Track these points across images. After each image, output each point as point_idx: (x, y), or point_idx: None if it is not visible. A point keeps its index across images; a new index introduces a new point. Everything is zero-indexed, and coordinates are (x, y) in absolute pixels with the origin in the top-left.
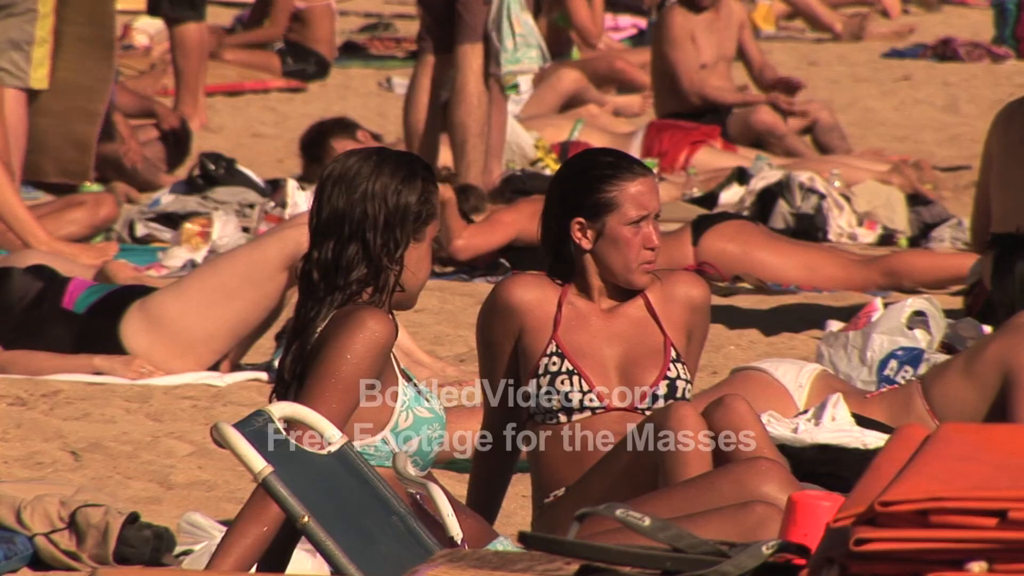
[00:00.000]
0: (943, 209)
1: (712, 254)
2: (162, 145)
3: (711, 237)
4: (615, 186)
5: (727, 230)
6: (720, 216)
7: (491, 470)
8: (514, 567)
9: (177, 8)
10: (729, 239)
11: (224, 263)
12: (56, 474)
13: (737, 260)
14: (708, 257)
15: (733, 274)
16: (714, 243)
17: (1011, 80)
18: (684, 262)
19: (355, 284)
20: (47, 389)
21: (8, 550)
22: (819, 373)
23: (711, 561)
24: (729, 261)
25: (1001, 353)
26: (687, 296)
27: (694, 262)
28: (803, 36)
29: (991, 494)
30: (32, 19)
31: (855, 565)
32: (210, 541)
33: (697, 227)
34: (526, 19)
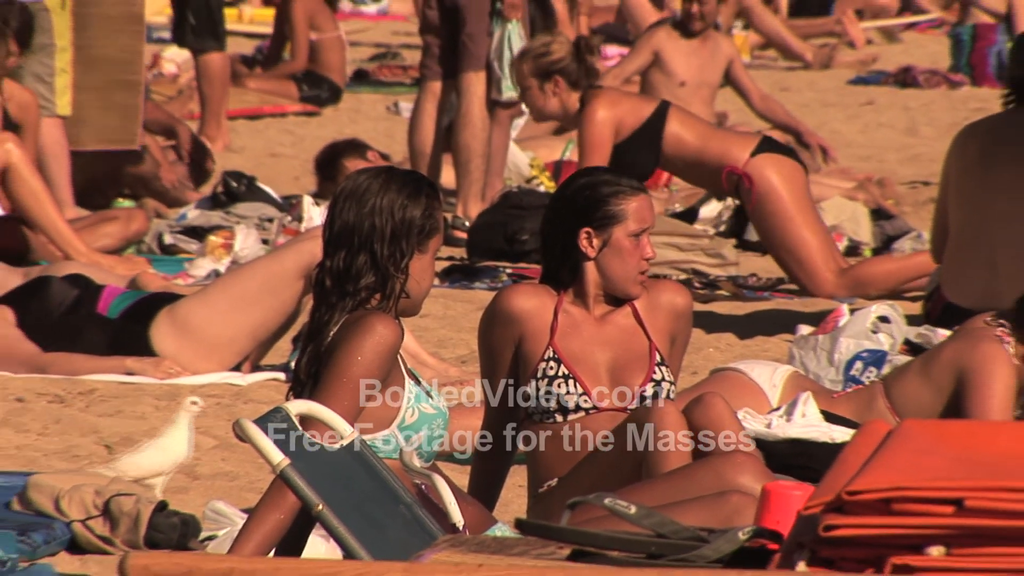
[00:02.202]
0: (904, 223)
1: (756, 171)
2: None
3: (766, 160)
4: (621, 200)
5: (783, 165)
6: (787, 149)
7: (491, 465)
8: (511, 551)
9: (201, 39)
10: (777, 172)
11: (245, 272)
12: (91, 466)
13: (772, 195)
14: (752, 171)
15: (757, 205)
16: (765, 165)
17: (966, 105)
18: (734, 158)
19: (364, 291)
20: (83, 388)
21: (48, 535)
22: (791, 373)
23: (692, 546)
24: (765, 188)
25: (955, 356)
26: (671, 304)
27: (740, 165)
28: (776, 64)
29: (948, 484)
30: (51, 53)
31: (824, 549)
32: (232, 527)
33: (764, 143)
34: None
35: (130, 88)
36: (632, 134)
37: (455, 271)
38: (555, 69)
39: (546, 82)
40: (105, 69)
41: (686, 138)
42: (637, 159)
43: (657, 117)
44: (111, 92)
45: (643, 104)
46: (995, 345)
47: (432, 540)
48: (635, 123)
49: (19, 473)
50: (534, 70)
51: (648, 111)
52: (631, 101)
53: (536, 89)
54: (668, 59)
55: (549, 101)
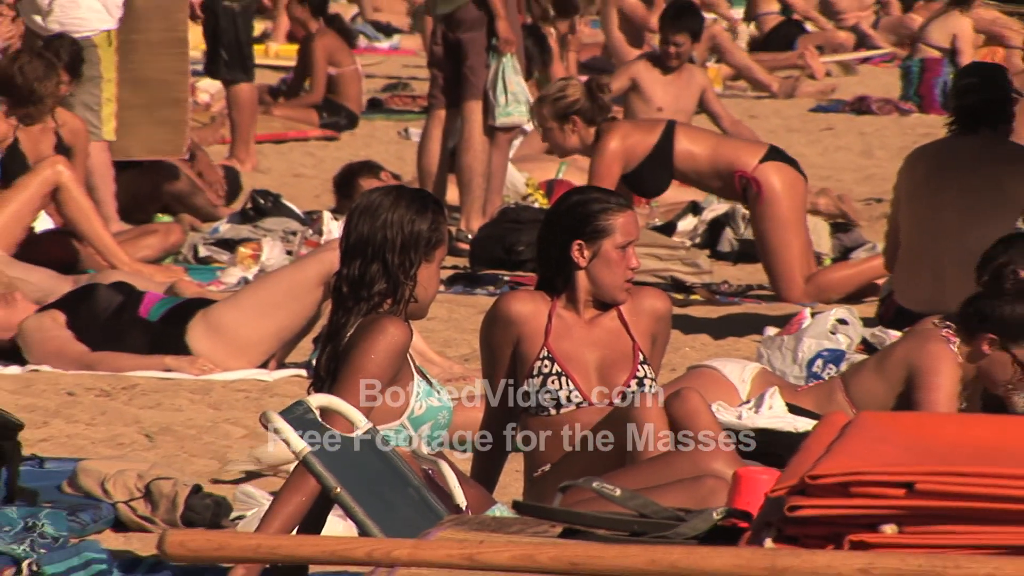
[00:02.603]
0: (860, 235)
1: (763, 177)
2: (225, 185)
3: (773, 167)
4: (610, 215)
5: (787, 174)
6: (791, 159)
7: (490, 459)
8: (509, 529)
9: (232, 72)
10: (782, 180)
11: (271, 280)
12: (133, 453)
13: (774, 200)
14: (760, 176)
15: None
16: (772, 172)
17: (915, 130)
18: (744, 163)
19: (377, 296)
20: (127, 383)
21: (95, 515)
22: (759, 370)
23: (671, 524)
24: (770, 191)
25: (906, 355)
26: (653, 309)
27: (749, 170)
28: (745, 94)
29: (900, 469)
30: (98, 84)
31: (789, 528)
32: (260, 508)
33: (772, 152)
34: (518, 80)
35: (176, 105)
36: (646, 157)
37: (459, 279)
38: (572, 110)
39: (565, 123)
40: (151, 89)
41: (696, 151)
42: (653, 178)
43: (665, 139)
44: (158, 108)
45: (652, 130)
46: (942, 345)
47: (438, 519)
48: (646, 148)
49: (69, 459)
50: (553, 113)
51: (657, 135)
52: (640, 130)
53: (557, 130)
54: (647, 88)
55: (569, 139)
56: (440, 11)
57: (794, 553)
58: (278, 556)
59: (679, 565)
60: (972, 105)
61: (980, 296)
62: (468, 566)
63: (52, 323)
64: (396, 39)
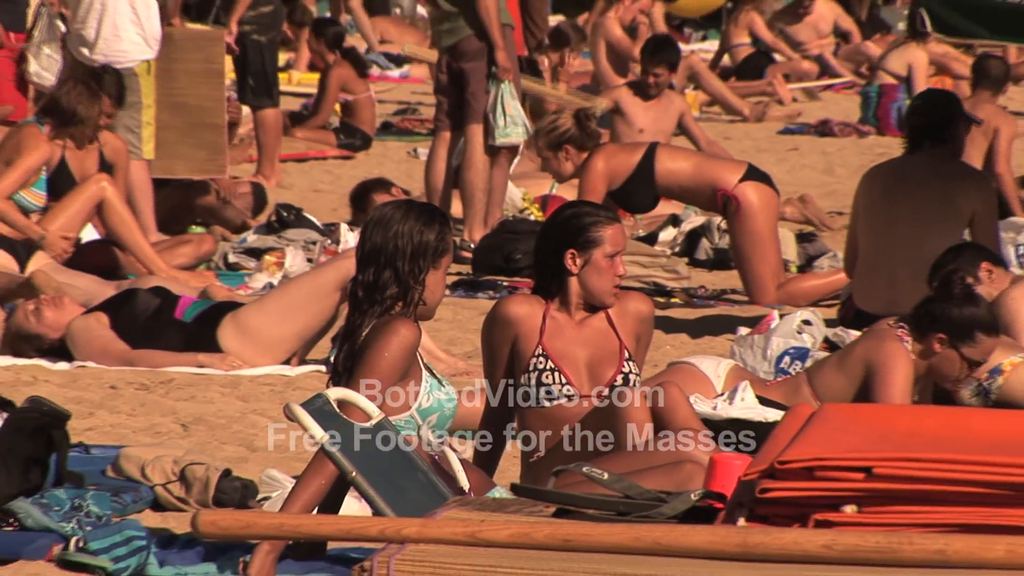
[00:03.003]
0: (823, 244)
1: (742, 195)
2: (251, 199)
3: (751, 186)
4: (600, 228)
5: (764, 192)
6: (767, 178)
7: (490, 452)
8: (507, 509)
9: (259, 98)
10: (759, 197)
11: (294, 285)
12: (170, 440)
13: (751, 216)
14: (740, 194)
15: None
16: (750, 191)
17: (872, 150)
18: (725, 182)
19: (389, 300)
20: (164, 378)
21: (135, 496)
22: (732, 366)
23: (653, 505)
24: (748, 207)
25: (865, 352)
26: (637, 311)
27: (730, 188)
28: (719, 118)
29: (860, 455)
30: (139, 109)
31: (760, 508)
32: (283, 490)
33: (750, 171)
34: (515, 104)
35: (214, 129)
36: (629, 176)
37: (462, 284)
38: (564, 140)
39: (559, 151)
40: (190, 113)
41: (676, 169)
42: (638, 195)
43: (647, 159)
44: (198, 132)
45: (634, 151)
46: (897, 344)
47: (444, 501)
48: (629, 168)
49: (112, 447)
50: (547, 144)
51: (639, 156)
52: (624, 152)
53: (553, 159)
54: (629, 112)
55: (564, 165)
56: (445, 43)
57: (764, 531)
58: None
59: (661, 542)
60: (919, 124)
61: (931, 300)
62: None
63: (97, 324)
64: (406, 68)
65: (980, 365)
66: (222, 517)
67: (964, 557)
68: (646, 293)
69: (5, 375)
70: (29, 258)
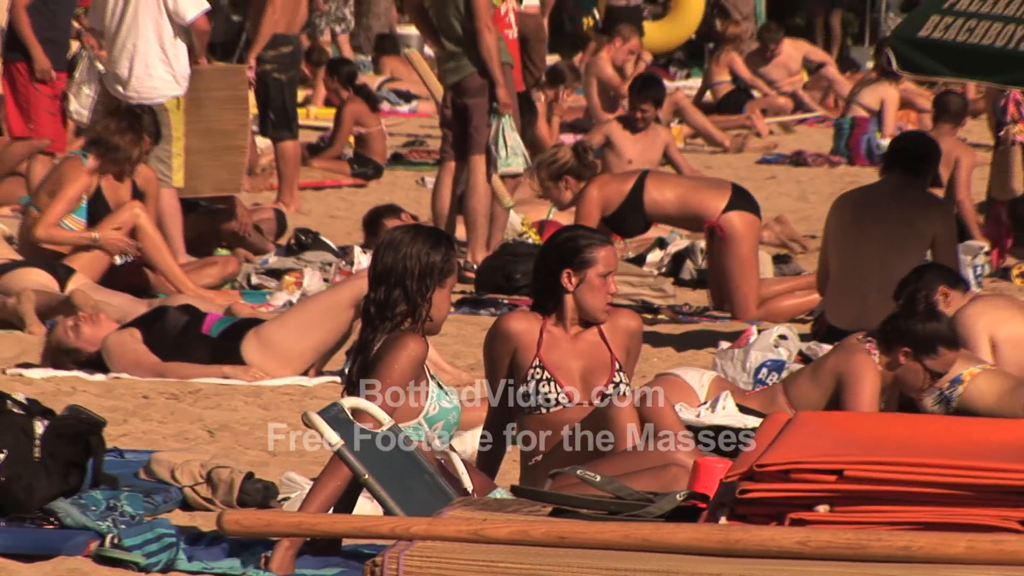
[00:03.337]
0: (798, 265)
1: (727, 224)
2: (273, 224)
3: (735, 216)
4: (594, 250)
5: (746, 219)
6: (751, 205)
7: (491, 453)
8: (507, 509)
9: (279, 131)
10: (742, 225)
11: (311, 303)
12: (197, 446)
13: (735, 241)
14: (723, 223)
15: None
16: (734, 220)
17: (843, 179)
18: (710, 213)
19: (399, 316)
20: (192, 388)
21: (165, 497)
22: (714, 377)
23: (642, 505)
24: (732, 235)
25: (836, 365)
26: (627, 326)
27: (714, 220)
28: (702, 149)
29: (832, 459)
30: (169, 141)
31: (740, 508)
32: (301, 492)
33: (734, 198)
34: (515, 136)
35: (236, 151)
36: (621, 204)
37: (466, 302)
38: (564, 171)
39: (559, 181)
40: (216, 137)
41: (662, 199)
42: (628, 221)
43: (637, 188)
44: (221, 154)
45: (626, 180)
46: (865, 356)
47: (449, 501)
48: (621, 195)
49: (144, 451)
50: (548, 175)
51: (630, 185)
52: (616, 180)
53: (553, 188)
54: (618, 143)
55: (563, 194)
56: (450, 81)
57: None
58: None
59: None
60: (899, 149)
61: (897, 316)
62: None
63: (130, 339)
64: (414, 104)
65: (942, 376)
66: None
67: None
68: (635, 310)
69: (46, 386)
70: (68, 278)
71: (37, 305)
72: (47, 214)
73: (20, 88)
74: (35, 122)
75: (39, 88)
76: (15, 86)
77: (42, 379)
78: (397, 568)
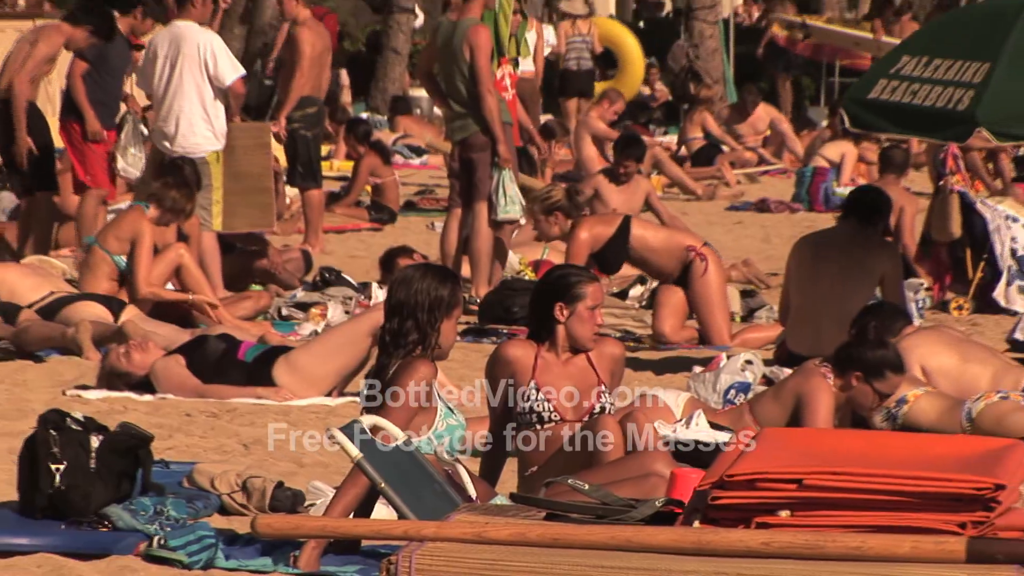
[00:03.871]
0: (762, 299)
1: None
2: (300, 263)
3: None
4: (583, 286)
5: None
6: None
7: (493, 459)
8: (507, 514)
9: (305, 181)
10: (715, 260)
11: (334, 332)
12: (234, 458)
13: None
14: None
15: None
16: (711, 253)
17: (802, 224)
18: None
19: (411, 344)
20: (229, 407)
21: (206, 503)
22: (689, 397)
23: (624, 510)
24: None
25: (795, 386)
26: (612, 353)
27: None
28: (678, 197)
29: (793, 469)
30: (209, 190)
31: (711, 513)
32: (326, 499)
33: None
34: (514, 187)
35: (264, 192)
36: (607, 242)
37: (470, 331)
38: (555, 207)
39: (549, 216)
40: (246, 179)
41: (648, 237)
42: (612, 258)
43: (622, 229)
44: (251, 194)
45: (612, 222)
46: (821, 379)
47: (456, 507)
48: (607, 235)
49: (187, 463)
50: (541, 209)
51: (615, 226)
52: (603, 223)
53: (543, 221)
54: (604, 194)
55: (552, 228)
56: (456, 137)
57: (715, 531)
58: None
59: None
60: (858, 199)
61: (849, 344)
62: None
63: (175, 364)
64: (424, 157)
65: (889, 397)
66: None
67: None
68: (619, 339)
69: (101, 405)
70: (121, 311)
71: (93, 334)
72: (139, 272)
73: (76, 144)
74: (92, 175)
75: (92, 146)
76: (72, 141)
77: (97, 399)
78: (410, 566)
